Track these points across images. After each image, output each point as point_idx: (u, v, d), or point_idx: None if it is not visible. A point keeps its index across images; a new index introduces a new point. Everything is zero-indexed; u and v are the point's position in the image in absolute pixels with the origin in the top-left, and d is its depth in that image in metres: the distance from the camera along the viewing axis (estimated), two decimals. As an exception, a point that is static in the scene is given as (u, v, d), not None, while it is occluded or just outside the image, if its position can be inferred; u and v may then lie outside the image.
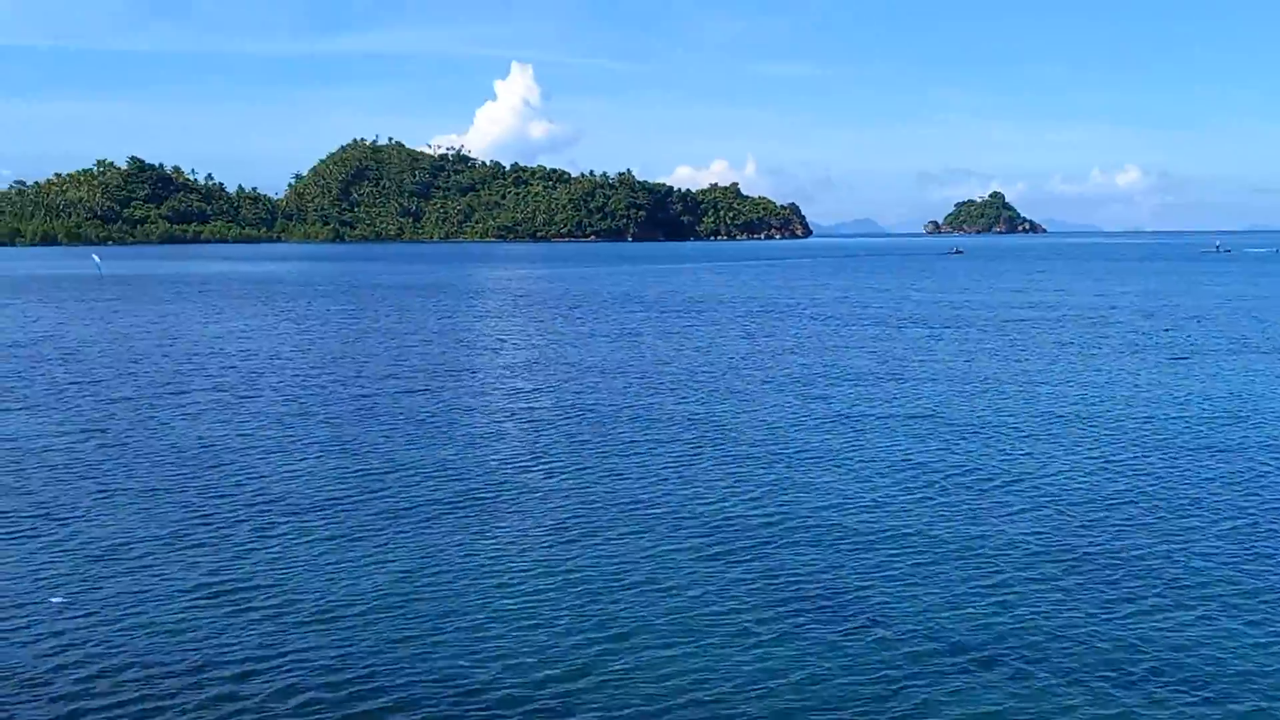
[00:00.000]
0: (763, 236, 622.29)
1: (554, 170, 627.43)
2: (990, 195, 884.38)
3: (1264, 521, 23.96)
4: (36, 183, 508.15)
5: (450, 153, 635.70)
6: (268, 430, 35.02)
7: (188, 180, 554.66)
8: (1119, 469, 29.04)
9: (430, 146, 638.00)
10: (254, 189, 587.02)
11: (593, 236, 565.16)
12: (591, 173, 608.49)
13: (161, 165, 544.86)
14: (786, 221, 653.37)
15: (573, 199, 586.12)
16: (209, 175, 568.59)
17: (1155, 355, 53.80)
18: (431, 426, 35.66)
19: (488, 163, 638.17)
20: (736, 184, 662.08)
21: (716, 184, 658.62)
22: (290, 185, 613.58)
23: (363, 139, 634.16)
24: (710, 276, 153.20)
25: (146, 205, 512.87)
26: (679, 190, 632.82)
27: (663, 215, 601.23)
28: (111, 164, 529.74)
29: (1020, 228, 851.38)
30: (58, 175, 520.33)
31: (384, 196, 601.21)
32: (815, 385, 44.43)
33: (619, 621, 18.13)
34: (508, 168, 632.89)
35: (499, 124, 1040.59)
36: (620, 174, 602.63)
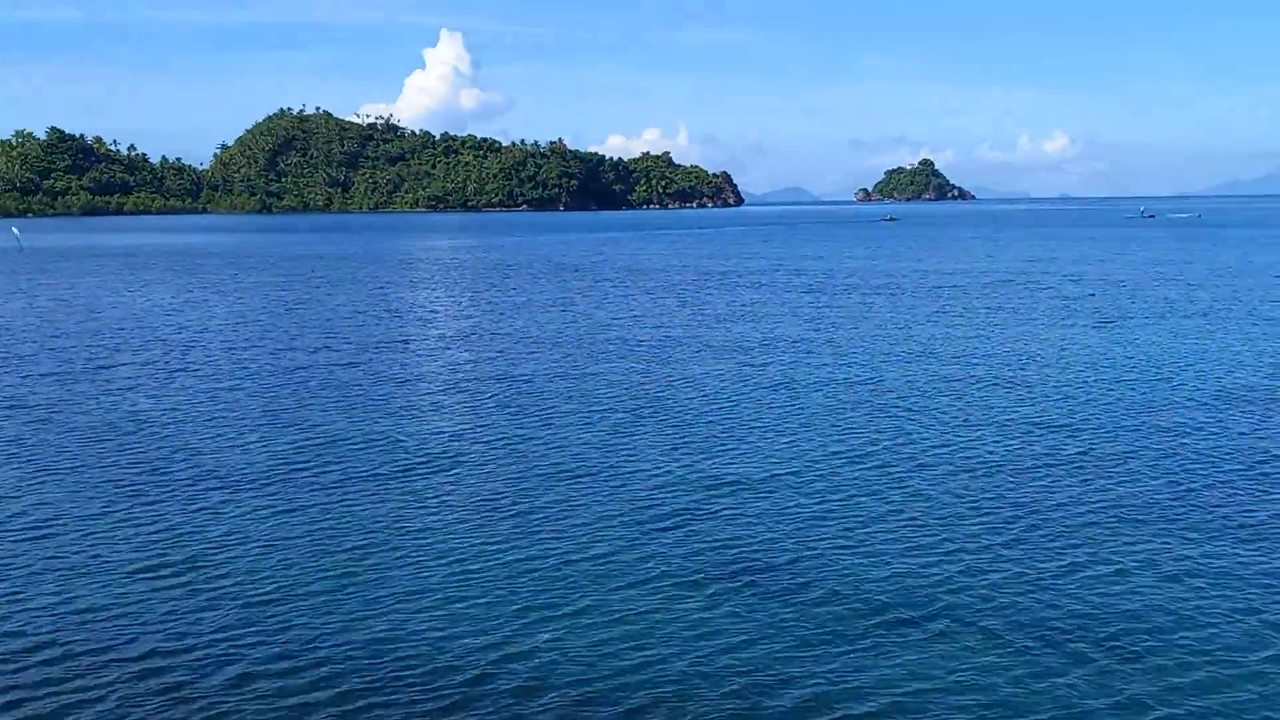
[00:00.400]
0: (695, 205, 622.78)
1: (485, 139, 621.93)
2: (920, 163, 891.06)
3: (1188, 478, 24.47)
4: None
5: (379, 122, 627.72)
6: (200, 405, 34.51)
7: (110, 151, 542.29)
8: (1046, 430, 29.49)
9: (359, 116, 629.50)
10: (178, 159, 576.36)
11: (524, 206, 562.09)
12: (523, 142, 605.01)
13: (82, 136, 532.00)
14: (718, 190, 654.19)
15: (504, 168, 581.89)
16: (131, 146, 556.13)
17: (1082, 320, 54.64)
18: (366, 398, 35.34)
19: (417, 132, 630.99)
20: (669, 153, 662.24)
21: (649, 153, 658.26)
22: (215, 155, 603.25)
23: (289, 109, 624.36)
24: (643, 245, 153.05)
25: (67, 176, 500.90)
26: (611, 159, 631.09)
27: (595, 185, 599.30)
28: (30, 134, 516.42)
29: (950, 195, 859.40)
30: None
31: (311, 167, 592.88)
32: (751, 353, 44.61)
33: (552, 589, 18.13)
34: (437, 137, 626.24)
35: (428, 93, 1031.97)
36: (552, 143, 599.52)
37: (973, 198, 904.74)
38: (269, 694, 14.66)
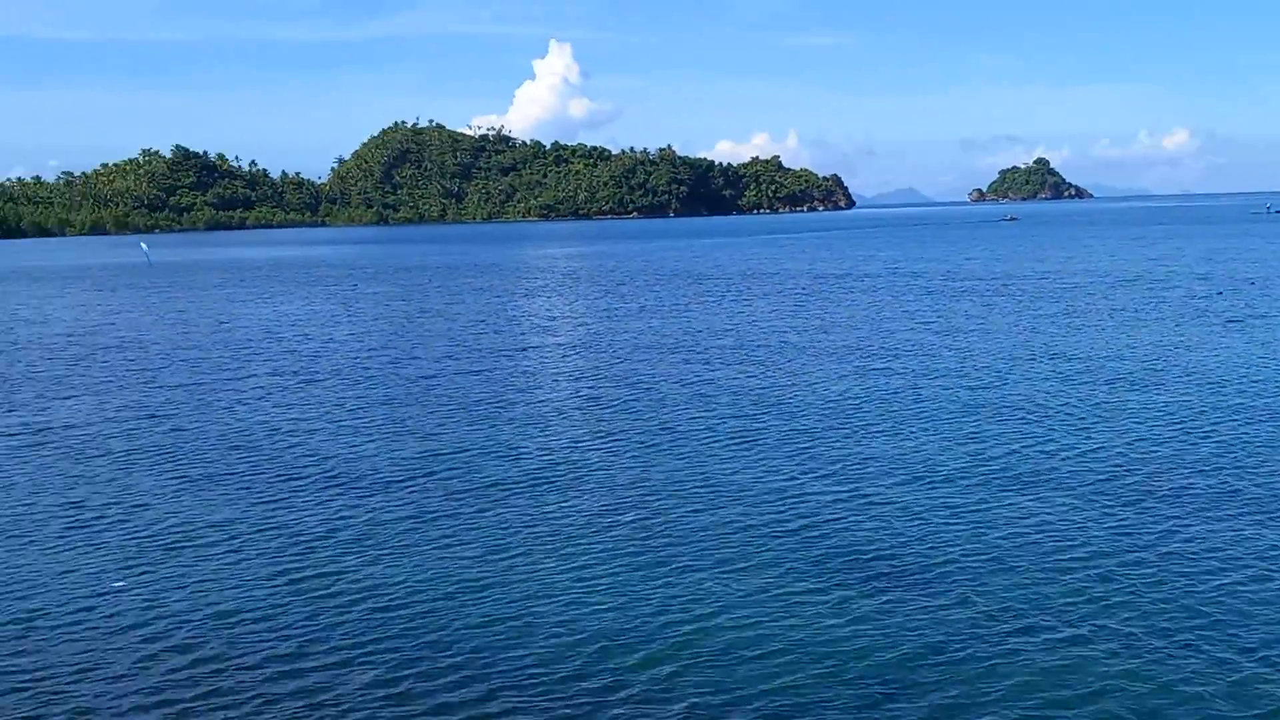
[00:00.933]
0: (805, 209, 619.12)
1: (595, 148, 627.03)
2: (1035, 161, 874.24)
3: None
4: (84, 173, 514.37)
5: (490, 133, 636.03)
6: (330, 414, 35.20)
7: (232, 167, 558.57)
8: (1177, 431, 28.61)
9: (471, 127, 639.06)
10: (297, 174, 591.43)
11: (635, 213, 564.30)
12: (632, 149, 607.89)
13: (205, 153, 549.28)
14: (829, 193, 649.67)
15: (614, 176, 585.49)
16: (253, 162, 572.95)
17: (1212, 320, 52.99)
18: (490, 406, 35.70)
19: (528, 142, 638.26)
20: (778, 157, 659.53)
21: (758, 157, 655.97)
22: (333, 169, 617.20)
23: (403, 122, 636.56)
24: (756, 250, 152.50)
25: (192, 193, 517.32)
26: (720, 164, 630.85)
27: (705, 190, 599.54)
28: (157, 153, 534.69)
29: (1066, 193, 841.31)
30: (104, 165, 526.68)
31: (426, 178, 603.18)
32: (873, 356, 44.11)
33: (679, 594, 18.05)
34: (548, 147, 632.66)
35: (538, 103, 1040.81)
36: (661, 150, 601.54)
37: (1090, 196, 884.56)
38: (405, 696, 14.83)
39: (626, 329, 57.25)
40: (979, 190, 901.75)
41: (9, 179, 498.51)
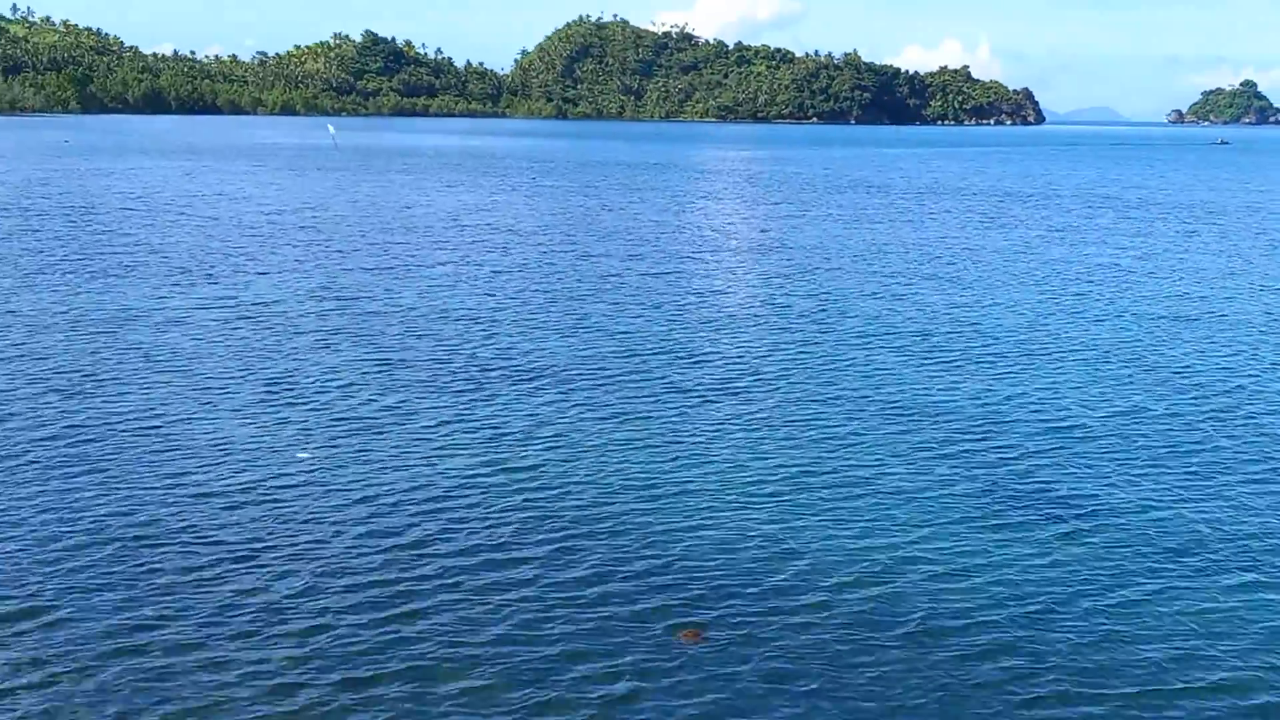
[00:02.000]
0: (993, 122, 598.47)
1: (778, 50, 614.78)
2: (1242, 84, 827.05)
3: None
4: (277, 54, 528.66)
5: (674, 30, 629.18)
6: (509, 305, 35.23)
7: (418, 54, 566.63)
8: None
9: (654, 24, 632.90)
10: (481, 64, 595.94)
11: (814, 119, 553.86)
12: (816, 53, 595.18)
13: (393, 39, 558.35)
14: (1018, 107, 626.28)
15: (795, 80, 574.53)
16: (438, 50, 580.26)
17: None
18: (675, 309, 35.23)
19: (711, 41, 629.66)
20: (967, 67, 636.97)
21: (946, 66, 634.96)
22: (516, 61, 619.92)
23: (588, 16, 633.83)
24: (943, 163, 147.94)
25: (379, 78, 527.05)
26: (906, 73, 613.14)
27: (888, 98, 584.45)
28: (347, 37, 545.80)
29: (1272, 119, 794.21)
30: (296, 48, 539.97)
31: (607, 74, 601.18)
32: (1065, 281, 42.19)
33: (842, 519, 17.37)
34: (730, 46, 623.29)
35: (725, 1, 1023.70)
36: (846, 54, 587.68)
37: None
38: (609, 596, 14.58)
39: (807, 239, 56.02)
40: (1178, 111, 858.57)
41: (206, 56, 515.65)
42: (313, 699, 12.16)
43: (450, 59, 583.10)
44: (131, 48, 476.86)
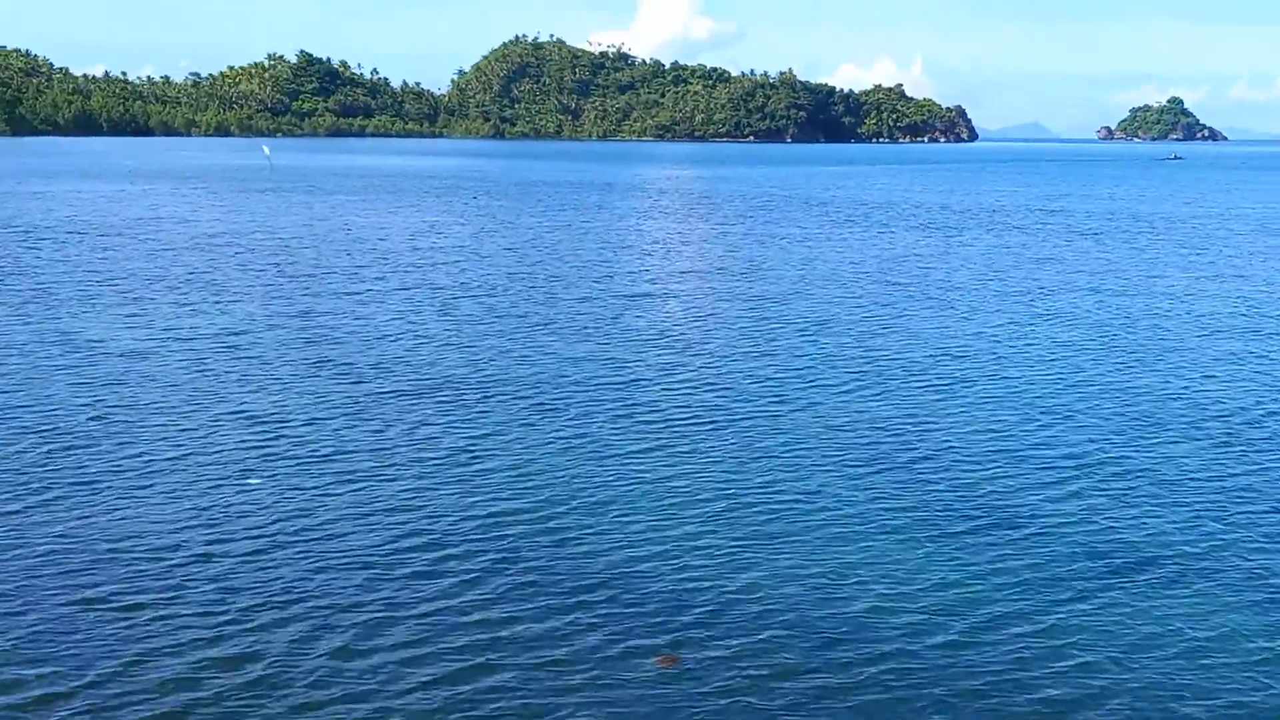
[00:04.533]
0: (926, 140, 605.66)
1: (714, 69, 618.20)
2: (1168, 101, 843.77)
3: None
4: (211, 75, 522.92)
5: (611, 50, 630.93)
6: (467, 330, 35.17)
7: (354, 75, 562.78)
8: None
9: (591, 44, 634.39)
10: (418, 84, 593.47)
11: (751, 137, 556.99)
12: (752, 72, 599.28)
13: (329, 60, 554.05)
14: (952, 125, 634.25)
15: (732, 99, 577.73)
16: (374, 70, 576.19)
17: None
18: (611, 331, 35.34)
19: (648, 61, 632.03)
20: (901, 85, 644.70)
21: (880, 85, 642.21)
22: (453, 81, 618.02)
23: (524, 36, 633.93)
24: (884, 180, 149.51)
25: (314, 99, 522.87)
26: (841, 91, 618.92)
27: (824, 117, 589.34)
28: (281, 57, 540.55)
29: (1199, 135, 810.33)
30: (231, 68, 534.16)
31: (544, 94, 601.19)
32: (1005, 300, 42.82)
33: (776, 533, 17.62)
34: (668, 66, 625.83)
35: (661, 21, 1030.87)
36: (782, 74, 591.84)
37: (1224, 138, 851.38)
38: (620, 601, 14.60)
39: (754, 259, 56.43)
40: (1107, 128, 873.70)
41: (139, 77, 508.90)
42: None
43: (386, 79, 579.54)
44: (62, 69, 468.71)
